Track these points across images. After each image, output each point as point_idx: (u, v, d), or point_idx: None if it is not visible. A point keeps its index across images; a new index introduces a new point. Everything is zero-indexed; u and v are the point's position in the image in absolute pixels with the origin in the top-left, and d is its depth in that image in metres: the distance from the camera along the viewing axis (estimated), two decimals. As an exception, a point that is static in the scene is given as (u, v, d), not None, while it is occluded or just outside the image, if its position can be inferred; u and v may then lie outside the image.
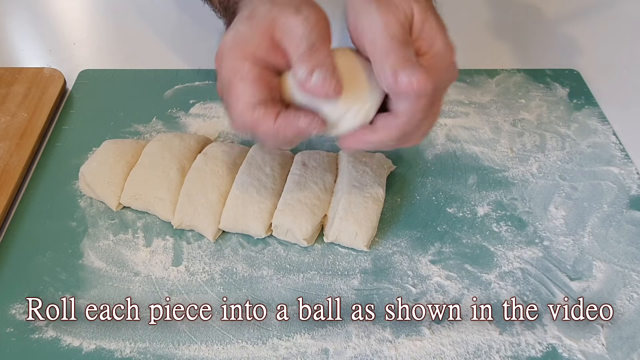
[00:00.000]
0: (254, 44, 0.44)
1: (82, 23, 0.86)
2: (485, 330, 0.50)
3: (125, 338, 0.49)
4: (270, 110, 0.43)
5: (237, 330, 0.50)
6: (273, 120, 0.43)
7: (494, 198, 0.60)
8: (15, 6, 0.88)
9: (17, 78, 0.72)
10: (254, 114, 0.43)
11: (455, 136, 0.67)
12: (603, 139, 0.66)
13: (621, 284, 0.53)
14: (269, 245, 0.56)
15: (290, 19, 0.43)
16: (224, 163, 0.58)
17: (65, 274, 0.53)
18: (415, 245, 0.56)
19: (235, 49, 0.44)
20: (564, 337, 0.49)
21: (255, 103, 0.43)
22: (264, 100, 0.43)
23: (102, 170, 0.59)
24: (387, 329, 0.50)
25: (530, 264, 0.54)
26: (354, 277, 0.53)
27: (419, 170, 0.63)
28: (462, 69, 0.74)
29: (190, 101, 0.70)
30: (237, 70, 0.44)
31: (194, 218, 0.55)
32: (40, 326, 0.50)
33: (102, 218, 0.58)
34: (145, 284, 0.53)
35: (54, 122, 0.68)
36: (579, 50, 0.79)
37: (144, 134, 0.67)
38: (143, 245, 0.56)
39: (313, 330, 0.50)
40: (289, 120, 0.43)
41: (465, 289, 0.53)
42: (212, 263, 0.54)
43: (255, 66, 0.44)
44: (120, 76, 0.74)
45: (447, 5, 0.87)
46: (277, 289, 0.53)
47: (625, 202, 0.59)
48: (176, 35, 0.82)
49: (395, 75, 0.41)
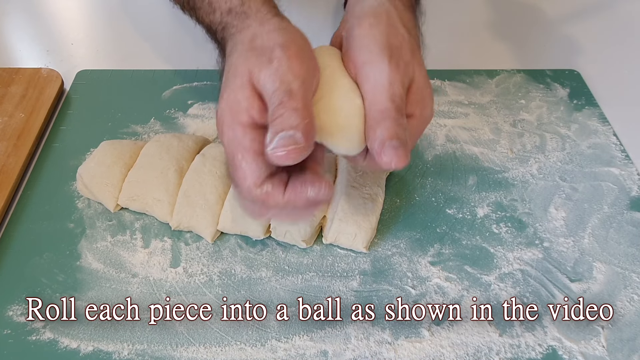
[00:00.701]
0: (246, 107, 0.42)
1: (80, 23, 0.86)
2: (485, 332, 0.49)
3: (123, 340, 0.49)
4: (277, 184, 0.42)
5: (235, 332, 0.49)
6: (282, 194, 0.42)
7: (493, 199, 0.60)
8: (12, 6, 0.88)
9: (15, 78, 0.71)
10: (263, 190, 0.42)
11: (455, 137, 0.66)
12: (603, 140, 0.66)
13: (622, 286, 0.53)
14: (268, 246, 0.56)
15: (262, 72, 0.42)
16: (222, 164, 0.58)
17: (62, 275, 0.53)
18: (415, 247, 0.56)
19: (232, 117, 0.43)
20: (564, 338, 0.49)
21: (262, 181, 0.42)
22: (270, 174, 0.42)
23: (100, 171, 0.58)
24: (386, 331, 0.49)
25: (530, 265, 0.54)
26: (353, 278, 0.53)
27: (418, 171, 0.63)
28: (462, 70, 0.74)
29: (189, 102, 0.70)
30: (238, 143, 0.42)
31: (192, 219, 0.55)
32: (38, 328, 0.50)
33: (99, 219, 0.58)
34: (143, 285, 0.52)
35: (51, 123, 0.68)
36: (579, 50, 0.79)
37: (142, 135, 0.66)
38: (141, 247, 0.56)
39: (312, 332, 0.49)
40: (297, 193, 0.42)
41: (465, 291, 0.52)
42: (211, 264, 0.54)
43: (256, 135, 0.42)
44: (118, 76, 0.74)
45: (448, 5, 0.87)
46: (276, 291, 0.52)
47: (625, 203, 0.59)
48: (174, 36, 0.82)
49: (381, 146, 0.42)
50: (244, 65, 0.43)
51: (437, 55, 0.48)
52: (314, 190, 0.42)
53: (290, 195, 0.42)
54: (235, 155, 0.43)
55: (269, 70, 0.42)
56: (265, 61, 0.42)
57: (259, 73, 0.42)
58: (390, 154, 0.42)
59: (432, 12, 0.57)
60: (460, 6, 0.87)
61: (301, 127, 0.40)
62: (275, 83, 0.41)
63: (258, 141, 0.42)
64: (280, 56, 0.42)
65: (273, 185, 0.42)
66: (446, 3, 0.86)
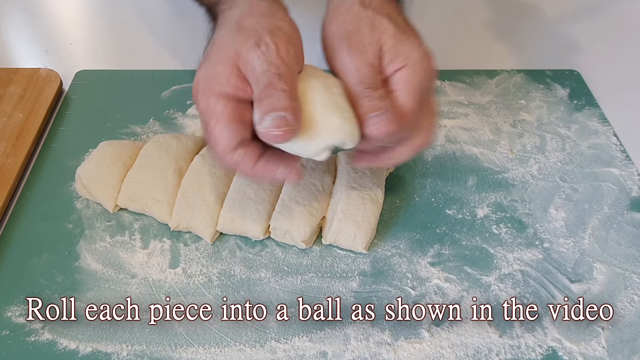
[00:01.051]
0: (222, 80, 0.44)
1: (79, 23, 0.86)
2: (485, 333, 0.49)
3: (122, 341, 0.49)
4: (250, 153, 0.44)
5: (234, 333, 0.49)
6: (252, 163, 0.44)
7: (493, 200, 0.60)
8: (11, 6, 0.88)
9: (13, 79, 0.71)
10: (234, 157, 0.44)
11: (455, 137, 0.66)
12: (604, 140, 0.66)
13: (622, 286, 0.53)
14: (267, 247, 0.56)
15: (249, 53, 0.43)
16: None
17: (61, 276, 0.53)
18: (415, 247, 0.56)
19: (206, 87, 0.45)
20: (564, 339, 0.49)
21: (234, 146, 0.44)
22: (242, 141, 0.44)
23: (99, 172, 0.58)
24: (386, 332, 0.49)
25: (531, 266, 0.54)
26: (352, 279, 0.53)
27: (418, 172, 0.62)
28: (462, 70, 0.74)
29: (188, 102, 0.70)
30: (212, 110, 0.44)
31: (191, 220, 0.55)
32: (37, 329, 0.49)
33: (98, 220, 0.58)
34: (142, 286, 0.52)
35: (50, 123, 0.68)
36: (579, 50, 0.79)
37: (141, 135, 0.66)
38: (140, 248, 0.55)
39: (311, 333, 0.49)
40: (268, 169, 0.45)
41: (465, 291, 0.52)
42: (210, 265, 0.54)
43: (229, 103, 0.44)
44: (117, 77, 0.74)
45: (447, 6, 0.87)
46: (275, 292, 0.52)
47: (626, 204, 0.59)
48: (173, 36, 0.82)
49: (365, 122, 0.44)
50: (231, 45, 0.45)
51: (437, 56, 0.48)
52: (284, 172, 0.45)
53: (260, 169, 0.45)
54: (209, 121, 0.44)
55: (258, 52, 0.43)
56: (253, 44, 0.43)
57: (247, 54, 0.43)
58: (372, 124, 0.44)
59: (432, 12, 0.57)
60: (461, 6, 0.87)
61: (291, 108, 0.42)
62: (264, 65, 0.43)
63: (230, 108, 0.44)
64: (268, 42, 0.43)
65: (245, 154, 0.44)
66: (446, 3, 0.86)
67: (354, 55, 0.46)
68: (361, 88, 0.45)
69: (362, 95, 0.45)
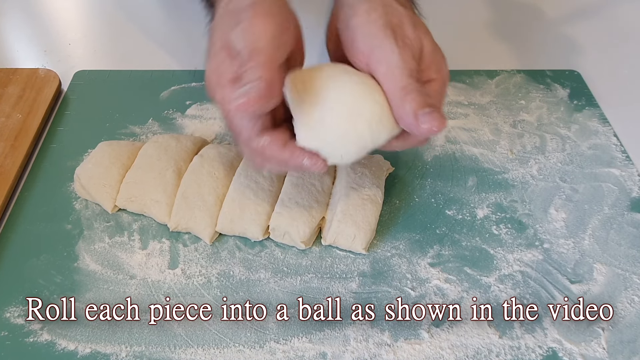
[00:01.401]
0: (224, 70, 0.44)
1: (78, 23, 0.86)
2: (484, 334, 0.49)
3: (121, 342, 0.49)
4: (276, 138, 0.44)
5: (234, 334, 0.49)
6: (279, 147, 0.44)
7: (493, 200, 0.60)
8: (9, 6, 0.87)
9: (12, 79, 0.71)
10: (260, 142, 0.44)
11: (455, 138, 0.66)
12: (604, 141, 0.66)
13: (622, 287, 0.52)
14: (266, 247, 0.55)
15: (231, 34, 0.44)
16: (220, 165, 0.57)
17: (60, 277, 0.53)
18: (414, 248, 0.55)
19: (216, 79, 0.45)
20: (565, 340, 0.49)
21: (257, 132, 0.44)
22: (265, 127, 0.44)
23: (98, 172, 0.58)
24: (385, 333, 0.49)
25: (531, 266, 0.54)
26: (352, 280, 0.53)
27: (417, 172, 0.62)
28: (462, 70, 0.74)
29: (187, 102, 0.70)
30: (228, 98, 0.44)
31: (190, 220, 0.55)
32: (35, 330, 0.49)
33: (97, 220, 0.57)
34: (141, 287, 0.52)
35: (48, 124, 0.67)
36: (579, 50, 0.79)
37: (139, 136, 0.66)
38: (139, 248, 0.55)
39: (311, 334, 0.49)
40: (296, 154, 0.45)
41: (465, 292, 0.52)
42: (209, 266, 0.54)
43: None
44: (115, 77, 0.74)
45: (448, 6, 0.87)
46: (275, 292, 0.52)
47: (626, 204, 0.59)
48: (172, 36, 0.81)
49: (416, 118, 0.43)
50: (219, 30, 0.45)
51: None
52: (310, 161, 0.44)
53: (288, 153, 0.44)
54: (228, 112, 0.45)
55: (237, 30, 0.43)
56: (234, 23, 0.44)
57: (229, 34, 0.44)
58: (427, 120, 0.43)
59: (432, 12, 0.57)
60: (460, 6, 0.86)
61: (265, 77, 0.41)
62: (241, 42, 0.43)
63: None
64: (246, 16, 0.43)
65: (271, 139, 0.44)
66: (446, 3, 0.86)
67: (401, 47, 0.45)
68: (410, 80, 0.44)
69: (411, 89, 0.44)
